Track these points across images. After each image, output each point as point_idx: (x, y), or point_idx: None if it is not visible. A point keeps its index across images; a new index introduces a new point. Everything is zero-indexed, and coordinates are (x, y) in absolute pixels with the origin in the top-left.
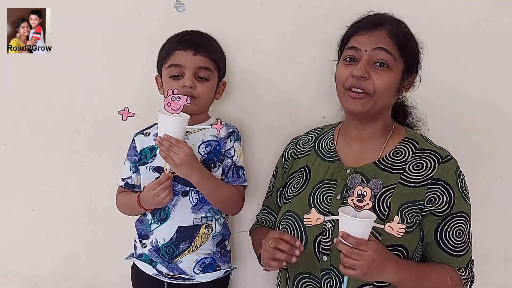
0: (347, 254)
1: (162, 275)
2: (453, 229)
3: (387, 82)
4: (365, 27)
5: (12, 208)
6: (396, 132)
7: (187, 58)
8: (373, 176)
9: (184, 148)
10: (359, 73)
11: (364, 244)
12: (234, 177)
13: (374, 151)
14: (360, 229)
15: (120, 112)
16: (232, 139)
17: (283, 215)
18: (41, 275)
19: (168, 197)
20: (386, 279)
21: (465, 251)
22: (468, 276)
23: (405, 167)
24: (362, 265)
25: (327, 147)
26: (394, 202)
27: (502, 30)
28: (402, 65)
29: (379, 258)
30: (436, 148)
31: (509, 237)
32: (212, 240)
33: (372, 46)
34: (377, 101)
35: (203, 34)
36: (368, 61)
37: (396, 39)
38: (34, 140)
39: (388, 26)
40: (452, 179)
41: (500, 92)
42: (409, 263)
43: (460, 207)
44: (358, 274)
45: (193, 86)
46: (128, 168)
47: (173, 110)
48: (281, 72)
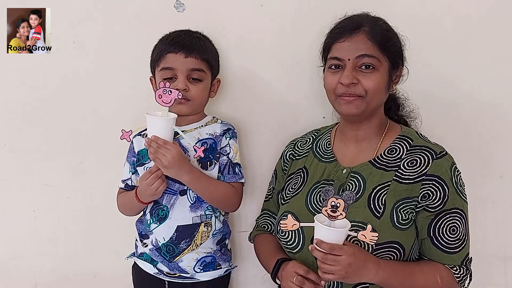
0: (321, 260)
1: (163, 274)
2: (447, 225)
3: (376, 82)
4: (344, 33)
5: (12, 208)
6: (391, 130)
7: (178, 60)
8: (368, 175)
9: (171, 150)
10: (347, 81)
11: (338, 249)
12: (230, 174)
13: (370, 150)
14: (334, 237)
15: (122, 138)
16: (228, 137)
17: (281, 216)
18: (41, 275)
19: (162, 186)
20: (368, 280)
21: (459, 248)
22: (462, 274)
23: (400, 164)
24: (338, 269)
25: (324, 148)
26: (389, 199)
27: (503, 30)
28: (387, 62)
29: (356, 261)
30: (431, 144)
31: (509, 237)
32: (212, 239)
33: (354, 55)
34: (370, 102)
35: (194, 34)
36: (353, 67)
37: (376, 40)
38: (34, 140)
39: (366, 27)
40: (447, 175)
41: (500, 92)
42: (392, 263)
43: (454, 203)
44: (337, 278)
45: (186, 89)
46: (128, 170)
47: (164, 103)
48: (281, 72)
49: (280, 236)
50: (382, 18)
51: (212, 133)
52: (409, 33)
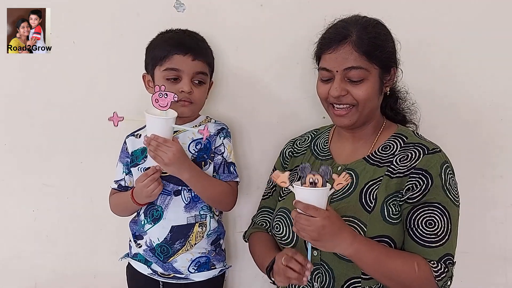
0: (294, 218)
1: (157, 274)
2: (423, 218)
3: (366, 92)
4: (331, 44)
5: (12, 208)
6: (387, 129)
7: (186, 63)
8: (362, 170)
9: (172, 147)
10: (336, 93)
11: (313, 210)
12: (226, 173)
13: (365, 148)
14: (311, 197)
15: (110, 119)
16: (222, 136)
17: (277, 212)
18: (41, 275)
19: (157, 189)
20: (341, 250)
21: (437, 244)
22: (440, 271)
23: (392, 160)
24: (311, 230)
25: (322, 146)
26: (380, 194)
27: (503, 30)
28: (377, 69)
29: (330, 225)
30: (425, 142)
31: (509, 237)
32: (206, 239)
33: (341, 67)
34: (363, 110)
35: (196, 35)
36: (342, 79)
37: (363, 51)
38: (34, 140)
39: (353, 37)
40: (435, 169)
41: (500, 92)
42: (370, 241)
43: (436, 197)
44: (309, 238)
45: (191, 92)
46: (121, 171)
47: (160, 107)
48: (281, 72)
49: (275, 231)
50: (373, 21)
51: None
52: (409, 32)
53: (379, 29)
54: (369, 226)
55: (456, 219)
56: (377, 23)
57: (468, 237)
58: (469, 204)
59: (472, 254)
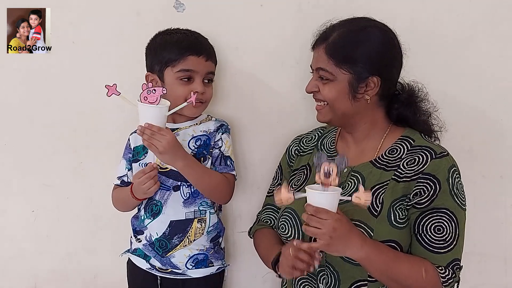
0: (306, 220)
1: (155, 269)
2: (432, 223)
3: (330, 93)
4: (314, 42)
5: (12, 208)
6: (393, 132)
7: (200, 64)
8: (368, 174)
9: (166, 136)
10: (308, 89)
11: (323, 213)
12: (222, 166)
13: (371, 151)
14: (322, 201)
15: (107, 86)
16: (221, 131)
17: (282, 212)
18: (41, 275)
19: (153, 187)
20: (352, 254)
21: (445, 250)
22: (448, 276)
23: (399, 164)
24: (323, 233)
25: (328, 146)
26: (387, 198)
27: (503, 30)
28: (346, 75)
29: (341, 228)
30: (433, 145)
31: (509, 237)
32: (206, 236)
33: (315, 66)
34: (335, 109)
35: (201, 35)
36: (316, 77)
37: (331, 55)
38: (34, 140)
39: (329, 40)
40: (443, 174)
41: (500, 92)
42: (379, 243)
43: (444, 202)
44: (322, 244)
45: (204, 92)
46: (124, 166)
47: (150, 103)
48: (281, 72)
49: (280, 231)
50: (366, 27)
51: (206, 130)
52: (409, 33)
53: (366, 37)
54: (375, 231)
55: (463, 223)
56: (368, 31)
57: (468, 237)
58: (469, 204)
59: (472, 254)
